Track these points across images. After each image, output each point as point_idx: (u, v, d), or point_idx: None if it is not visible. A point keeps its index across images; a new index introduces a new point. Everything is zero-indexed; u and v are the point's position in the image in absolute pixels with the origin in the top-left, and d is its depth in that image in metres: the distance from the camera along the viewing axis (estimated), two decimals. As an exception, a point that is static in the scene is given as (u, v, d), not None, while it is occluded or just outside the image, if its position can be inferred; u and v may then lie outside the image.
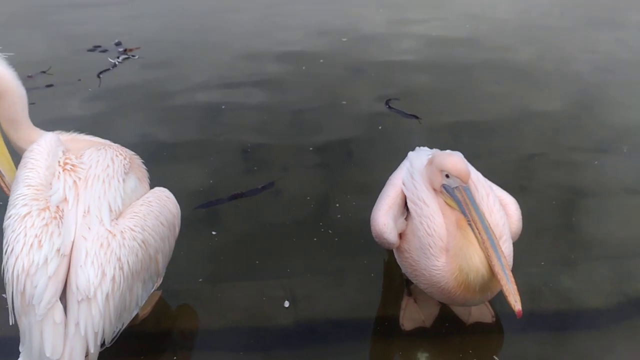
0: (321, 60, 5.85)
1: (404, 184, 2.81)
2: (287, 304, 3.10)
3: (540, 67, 5.73)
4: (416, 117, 4.80)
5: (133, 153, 2.90)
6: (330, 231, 3.61)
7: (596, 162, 4.25)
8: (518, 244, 2.90)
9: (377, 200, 2.86)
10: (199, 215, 3.76)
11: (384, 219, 2.71)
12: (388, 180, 2.97)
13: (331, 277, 3.30)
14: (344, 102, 5.08)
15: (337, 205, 3.82)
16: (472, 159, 3.02)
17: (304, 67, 5.70)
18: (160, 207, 2.69)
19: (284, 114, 4.94)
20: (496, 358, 2.83)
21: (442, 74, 5.62)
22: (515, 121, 4.79)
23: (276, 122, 4.82)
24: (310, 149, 4.44)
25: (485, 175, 2.91)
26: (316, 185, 4.03)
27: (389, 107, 4.97)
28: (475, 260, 2.43)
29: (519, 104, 5.03)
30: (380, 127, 4.71)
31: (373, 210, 2.81)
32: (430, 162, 2.69)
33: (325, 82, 5.46)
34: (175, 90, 5.36)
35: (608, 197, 3.91)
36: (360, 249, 3.40)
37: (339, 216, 3.73)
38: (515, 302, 2.33)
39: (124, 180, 2.64)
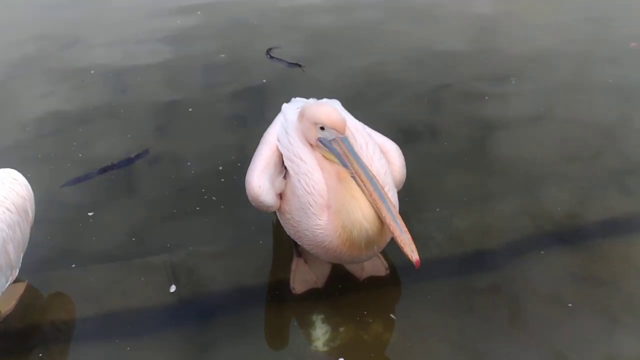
0: (198, 12, 5.45)
1: (278, 141, 2.59)
2: (173, 288, 2.85)
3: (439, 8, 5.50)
4: (299, 66, 4.54)
5: (-31, 131, 2.57)
6: (214, 198, 3.37)
7: (487, 98, 4.16)
8: (410, 191, 2.77)
9: (251, 161, 2.63)
10: (67, 194, 3.43)
11: (259, 180, 2.49)
12: (262, 138, 2.74)
13: (217, 247, 3.09)
14: (223, 56, 4.74)
15: (221, 168, 3.56)
16: (358, 102, 2.82)
17: (178, 21, 5.29)
18: (5, 191, 2.46)
19: (157, 73, 4.55)
20: (393, 316, 2.72)
21: (329, 19, 5.31)
22: (405, 63, 4.61)
23: (148, 84, 4.43)
24: (190, 110, 4.12)
25: (367, 118, 2.74)
26: (197, 148, 3.73)
27: (270, 56, 4.68)
28: (357, 215, 2.26)
29: (405, 47, 4.84)
30: (264, 80, 4.43)
31: (247, 172, 2.58)
32: (302, 115, 2.47)
33: (201, 35, 5.08)
34: (34, 54, 4.86)
35: (498, 139, 3.80)
36: (247, 214, 3.14)
37: (222, 180, 3.48)
38: (412, 252, 2.19)
39: (-43, 163, 2.35)
